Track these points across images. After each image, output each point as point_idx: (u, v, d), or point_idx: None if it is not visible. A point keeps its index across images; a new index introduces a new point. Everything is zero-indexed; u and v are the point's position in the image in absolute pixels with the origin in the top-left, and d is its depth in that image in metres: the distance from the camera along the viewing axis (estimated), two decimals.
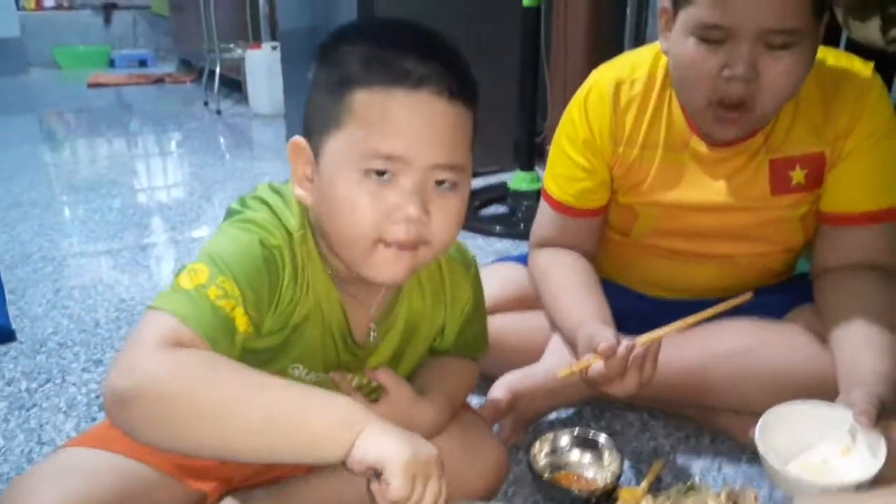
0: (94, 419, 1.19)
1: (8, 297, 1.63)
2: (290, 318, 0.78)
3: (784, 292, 1.13)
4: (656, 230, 1.11)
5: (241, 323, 0.71)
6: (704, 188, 1.06)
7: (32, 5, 5.69)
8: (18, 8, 5.38)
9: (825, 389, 0.93)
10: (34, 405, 1.24)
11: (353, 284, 0.81)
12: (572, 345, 1.00)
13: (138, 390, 0.62)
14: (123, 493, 0.79)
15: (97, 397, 1.26)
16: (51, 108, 4.33)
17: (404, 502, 0.62)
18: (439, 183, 0.72)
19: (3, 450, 1.12)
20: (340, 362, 0.85)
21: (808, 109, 1.01)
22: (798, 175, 1.04)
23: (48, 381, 1.32)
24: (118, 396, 0.63)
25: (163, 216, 2.30)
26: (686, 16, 0.92)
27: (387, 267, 0.73)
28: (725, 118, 0.94)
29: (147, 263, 1.91)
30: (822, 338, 1.02)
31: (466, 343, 0.94)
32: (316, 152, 0.73)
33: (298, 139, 0.75)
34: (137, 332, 0.67)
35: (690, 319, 0.92)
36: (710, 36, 0.90)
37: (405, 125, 0.68)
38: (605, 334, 0.91)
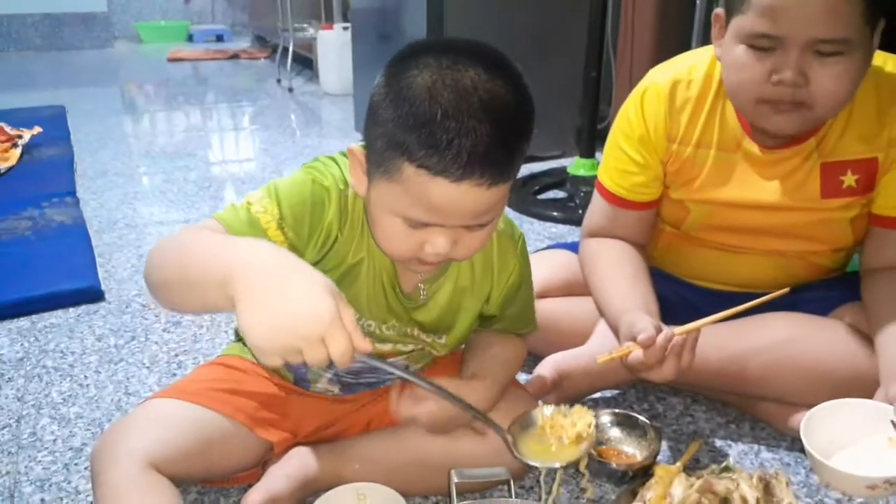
0: (174, 375, 1.31)
1: (97, 260, 1.77)
2: (344, 259, 0.86)
3: (832, 289, 1.15)
4: (707, 225, 1.14)
5: (275, 237, 0.80)
6: (756, 188, 1.08)
7: None
8: None
9: (866, 384, 0.95)
10: (121, 360, 1.36)
11: None
12: (616, 331, 1.04)
13: (147, 265, 0.76)
14: (202, 440, 0.89)
15: (176, 355, 1.38)
16: (133, 80, 4.55)
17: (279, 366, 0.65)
18: (471, 226, 0.77)
19: (95, 398, 1.25)
20: (390, 310, 0.91)
21: (863, 115, 1.02)
22: (850, 179, 1.05)
23: (133, 338, 1.44)
24: (148, 276, 0.76)
25: (236, 189, 2.42)
26: (737, 24, 0.94)
27: (416, 268, 0.83)
28: (781, 109, 0.95)
29: None
30: (867, 335, 1.04)
31: (514, 316, 0.99)
32: (369, 173, 0.79)
33: (356, 149, 0.81)
34: None
35: (729, 311, 0.95)
36: (759, 44, 0.92)
37: (445, 206, 0.73)
38: (644, 323, 0.94)
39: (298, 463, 0.95)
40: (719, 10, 0.99)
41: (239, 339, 1.05)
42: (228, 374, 0.98)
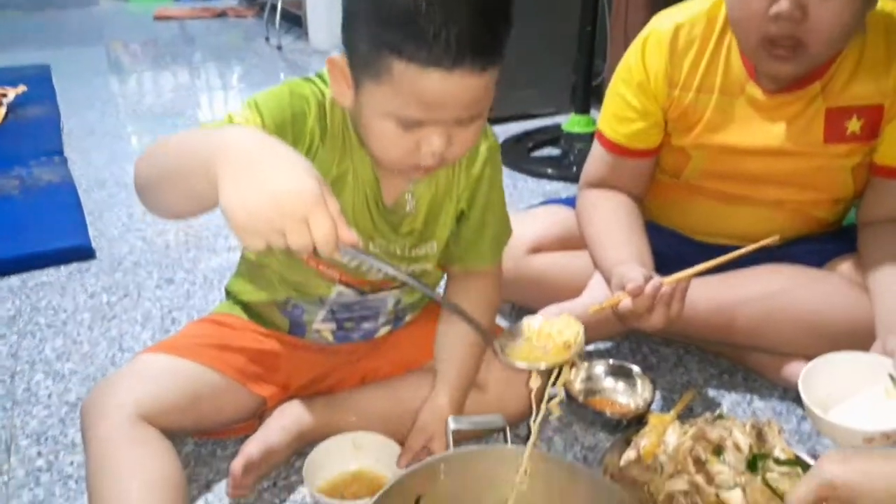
0: (167, 331, 1.30)
1: (87, 218, 1.75)
2: (328, 170, 0.84)
3: (828, 242, 1.15)
4: (707, 172, 1.14)
5: None
6: (758, 132, 1.08)
7: None
8: None
9: (861, 335, 0.96)
10: (114, 317, 1.36)
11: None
12: (609, 283, 1.05)
13: (135, 171, 0.72)
14: (193, 394, 0.89)
15: (170, 312, 1.37)
16: (119, 39, 4.45)
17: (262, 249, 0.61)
18: (462, 121, 0.76)
19: (89, 354, 1.24)
20: (375, 227, 0.89)
21: (872, 61, 1.01)
22: (854, 125, 1.04)
23: (126, 295, 1.43)
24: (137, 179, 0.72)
25: None
26: None
27: (411, 176, 0.82)
28: (778, 54, 0.95)
29: None
30: (862, 286, 1.04)
31: (488, 222, 0.96)
32: (355, 80, 0.76)
33: (337, 59, 0.77)
34: None
35: (719, 259, 0.96)
36: None
37: (438, 99, 0.72)
38: (634, 273, 0.95)
39: (294, 415, 0.96)
40: None
41: (230, 296, 1.05)
42: (219, 330, 0.98)
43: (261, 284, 0.98)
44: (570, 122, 2.24)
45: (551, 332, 0.82)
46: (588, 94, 2.21)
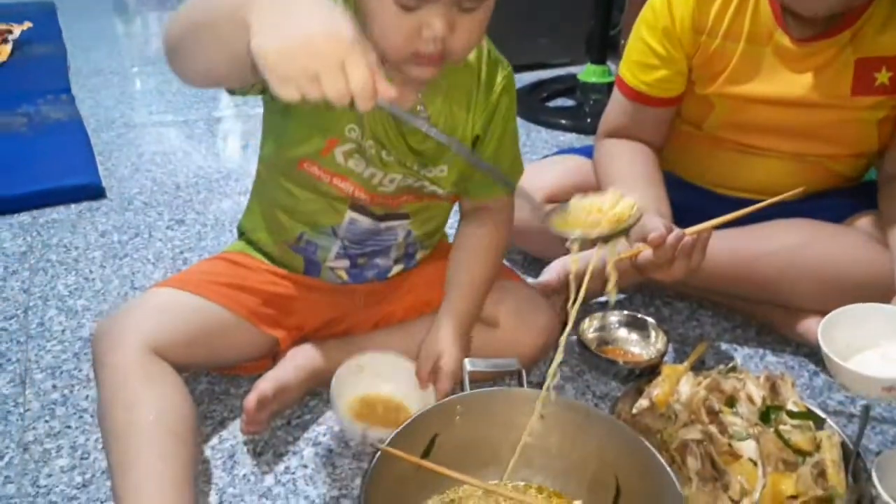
0: (179, 270, 1.29)
1: (97, 158, 1.73)
2: None
3: (849, 197, 1.14)
4: (730, 122, 1.12)
5: None
6: (784, 82, 1.05)
7: None
8: None
9: (880, 290, 0.96)
10: (126, 255, 1.35)
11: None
12: None
13: (165, 32, 0.68)
14: (203, 329, 0.89)
15: (181, 252, 1.37)
16: None
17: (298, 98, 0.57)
18: (465, 7, 0.74)
19: (101, 291, 1.24)
20: (388, 138, 0.87)
21: None
22: (883, 76, 1.02)
23: (136, 235, 1.43)
24: (166, 43, 0.69)
25: None
26: None
27: (415, 72, 0.78)
28: None
29: (220, 135, 1.99)
30: (881, 242, 1.03)
31: (502, 154, 0.95)
32: None
33: None
34: None
35: (741, 212, 0.95)
36: None
37: None
38: (655, 223, 0.93)
39: (308, 354, 0.96)
40: None
41: (242, 235, 1.04)
42: (232, 269, 0.97)
43: (272, 222, 0.98)
44: (586, 72, 2.19)
45: (602, 206, 0.76)
46: (605, 44, 2.16)
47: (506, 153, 0.96)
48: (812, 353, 1.09)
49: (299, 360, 0.94)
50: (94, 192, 1.56)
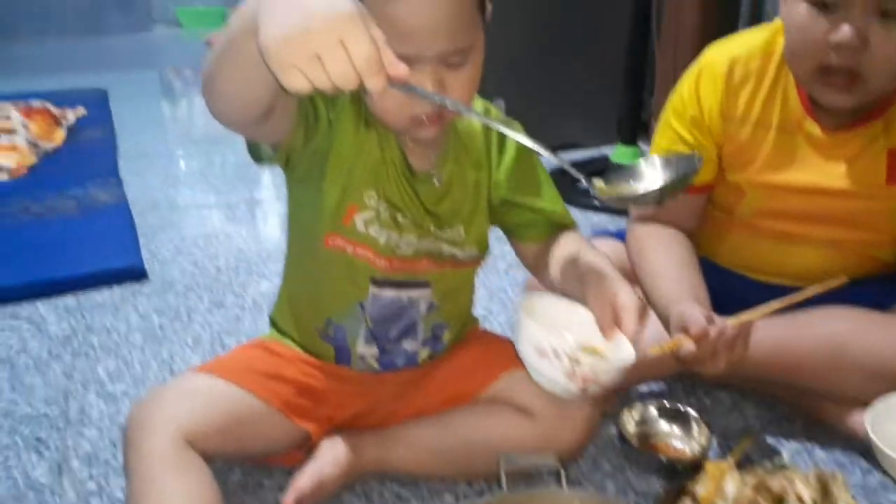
0: (217, 355, 1.31)
1: (140, 240, 1.79)
2: (352, 137, 0.86)
3: (892, 282, 1.11)
4: (762, 210, 1.11)
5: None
6: (817, 171, 1.05)
7: None
8: None
9: None
10: (165, 339, 1.38)
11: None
12: (665, 322, 1.02)
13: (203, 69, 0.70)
14: (237, 419, 0.89)
15: (220, 336, 1.38)
16: (172, 64, 4.58)
17: (317, 84, 0.57)
18: (452, 63, 0.77)
19: (140, 376, 1.26)
20: (403, 200, 0.90)
21: None
22: None
23: (176, 318, 1.45)
24: (202, 80, 0.72)
25: (272, 172, 2.42)
26: None
27: (419, 133, 0.82)
28: (833, 83, 0.94)
29: (260, 216, 2.04)
30: None
31: (543, 194, 0.97)
32: None
33: None
34: None
35: (784, 301, 0.93)
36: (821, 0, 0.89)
37: (414, 25, 0.73)
38: (696, 315, 0.92)
39: (343, 449, 0.95)
40: None
41: (274, 324, 1.05)
42: (268, 357, 0.98)
43: (300, 310, 0.99)
44: (617, 154, 2.22)
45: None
46: (635, 126, 2.19)
47: (547, 196, 0.97)
48: (864, 449, 1.04)
49: (336, 456, 0.93)
50: (137, 274, 1.61)
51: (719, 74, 1.06)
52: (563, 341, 0.77)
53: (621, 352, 0.79)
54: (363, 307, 0.94)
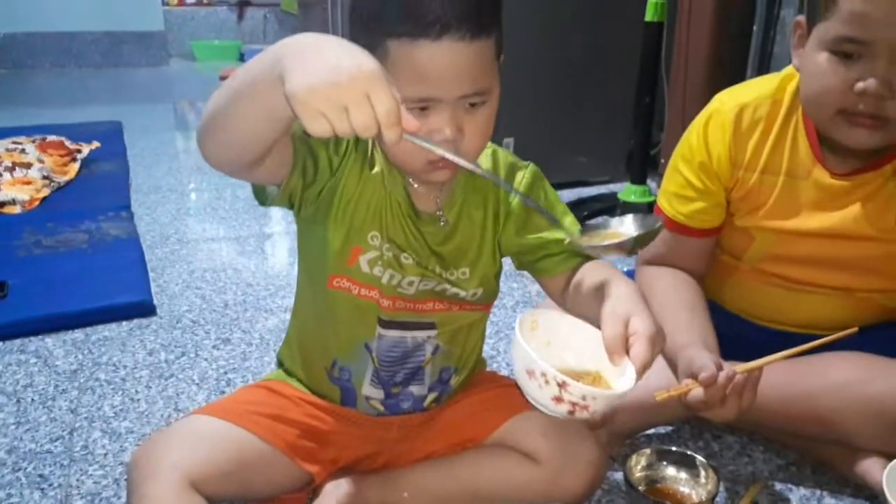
0: (222, 393, 1.31)
1: (150, 273, 1.80)
2: (356, 180, 0.88)
3: None
4: (772, 255, 1.11)
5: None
6: (826, 216, 1.05)
7: (175, 2, 6.10)
8: (163, 4, 5.78)
9: None
10: (171, 375, 1.38)
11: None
12: (673, 366, 1.01)
13: (206, 109, 0.73)
14: (240, 461, 0.89)
15: (225, 373, 1.38)
16: (187, 97, 4.65)
17: (332, 131, 0.62)
18: (471, 104, 0.79)
19: (146, 413, 1.26)
20: (407, 238, 0.90)
21: None
22: None
23: (183, 354, 1.45)
24: (197, 133, 0.76)
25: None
26: (821, 29, 0.92)
27: (433, 175, 0.84)
28: (859, 122, 0.93)
29: (270, 251, 2.05)
30: None
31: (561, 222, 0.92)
32: None
33: None
34: None
35: (795, 350, 0.92)
36: (844, 49, 0.90)
37: (432, 71, 0.75)
38: (705, 361, 0.92)
39: (349, 492, 0.94)
40: (801, 18, 0.98)
41: (280, 364, 1.05)
42: (273, 398, 0.97)
43: (307, 350, 0.99)
44: (626, 192, 2.23)
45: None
46: (645, 164, 2.20)
47: (565, 221, 0.94)
48: (873, 496, 1.03)
49: (339, 499, 0.93)
50: (146, 309, 1.61)
51: (728, 121, 1.07)
52: (554, 364, 0.73)
53: (622, 379, 0.75)
54: (369, 348, 0.94)
